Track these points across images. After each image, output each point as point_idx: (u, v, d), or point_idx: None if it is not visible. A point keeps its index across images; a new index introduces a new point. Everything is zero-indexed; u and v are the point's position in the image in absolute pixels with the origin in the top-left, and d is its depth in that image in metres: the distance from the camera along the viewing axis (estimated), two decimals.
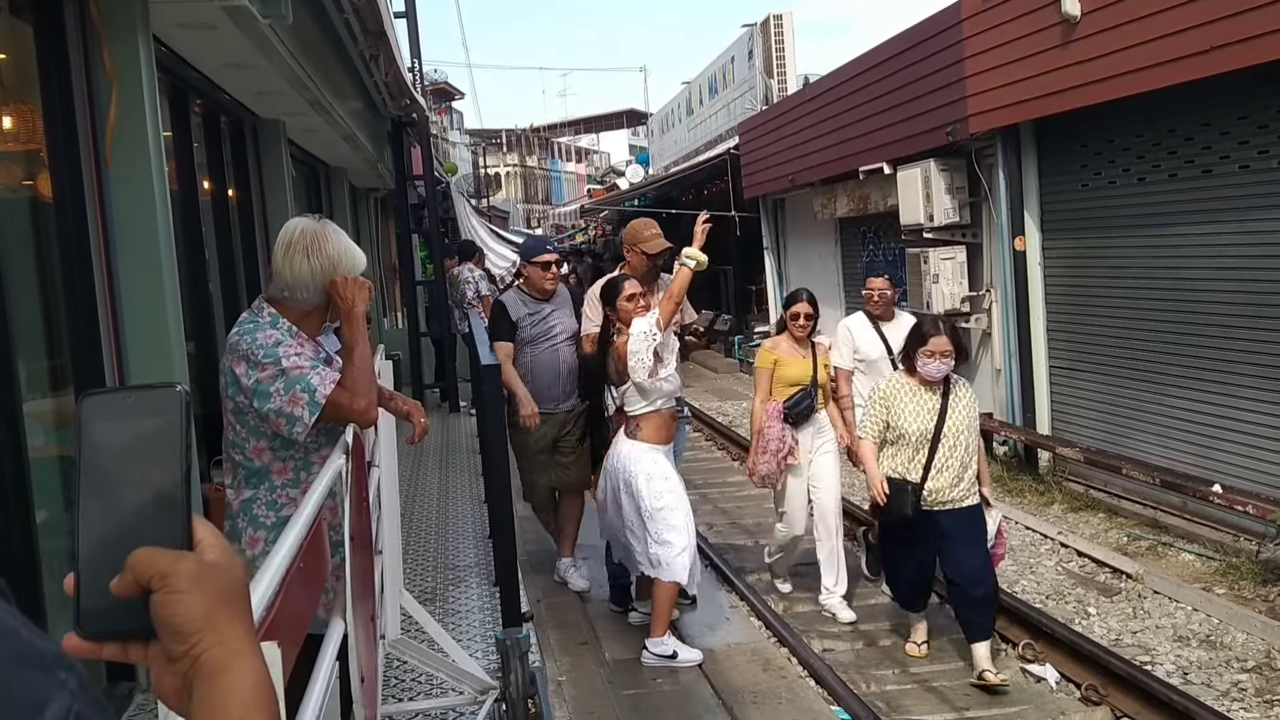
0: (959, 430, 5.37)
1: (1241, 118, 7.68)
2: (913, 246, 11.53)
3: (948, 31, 10.81)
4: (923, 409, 5.41)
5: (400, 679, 4.65)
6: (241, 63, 6.75)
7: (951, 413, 5.40)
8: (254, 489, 2.87)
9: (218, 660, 0.83)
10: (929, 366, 5.30)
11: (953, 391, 5.46)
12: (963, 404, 5.47)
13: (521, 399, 6.29)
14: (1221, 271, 7.92)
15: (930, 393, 5.43)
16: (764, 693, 5.21)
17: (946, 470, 5.38)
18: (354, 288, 2.95)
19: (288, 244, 2.96)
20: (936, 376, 5.35)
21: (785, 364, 6.46)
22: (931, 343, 5.26)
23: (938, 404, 5.39)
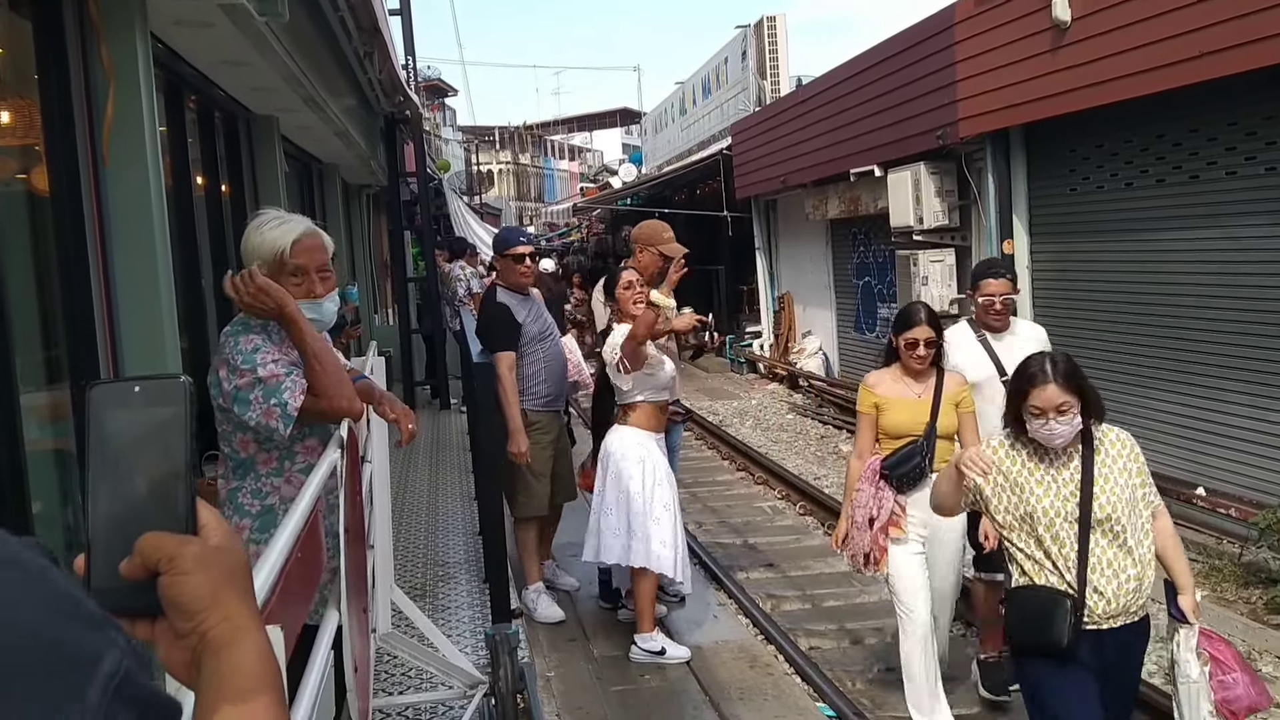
0: (1115, 506, 3.48)
1: (1230, 124, 7.76)
2: (902, 249, 11.61)
3: (939, 35, 10.88)
4: (1055, 482, 3.55)
5: (390, 673, 4.70)
6: (237, 59, 6.78)
7: (1101, 483, 3.51)
8: (240, 479, 2.92)
9: (224, 636, 0.88)
10: (1041, 430, 3.48)
11: (1099, 451, 3.57)
12: (1116, 466, 3.55)
13: (515, 432, 5.80)
14: (1208, 277, 8.00)
15: (1061, 458, 3.56)
16: (750, 689, 5.26)
17: (1106, 569, 3.51)
18: (262, 294, 2.85)
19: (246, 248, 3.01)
20: (1056, 443, 3.50)
21: (891, 407, 4.84)
22: (1034, 396, 3.47)
23: (1075, 473, 3.53)
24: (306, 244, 3.15)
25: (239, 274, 2.92)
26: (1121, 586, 3.49)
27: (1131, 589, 3.52)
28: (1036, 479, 3.55)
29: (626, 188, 30.72)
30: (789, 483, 10.21)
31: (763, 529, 8.96)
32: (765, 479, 10.71)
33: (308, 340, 2.89)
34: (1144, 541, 3.54)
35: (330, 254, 3.18)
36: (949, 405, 4.80)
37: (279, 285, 2.91)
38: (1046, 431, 3.45)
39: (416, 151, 13.52)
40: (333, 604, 2.38)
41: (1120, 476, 3.50)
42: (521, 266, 6.15)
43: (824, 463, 11.51)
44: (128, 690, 0.70)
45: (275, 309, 2.88)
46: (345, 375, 3.02)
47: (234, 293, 2.90)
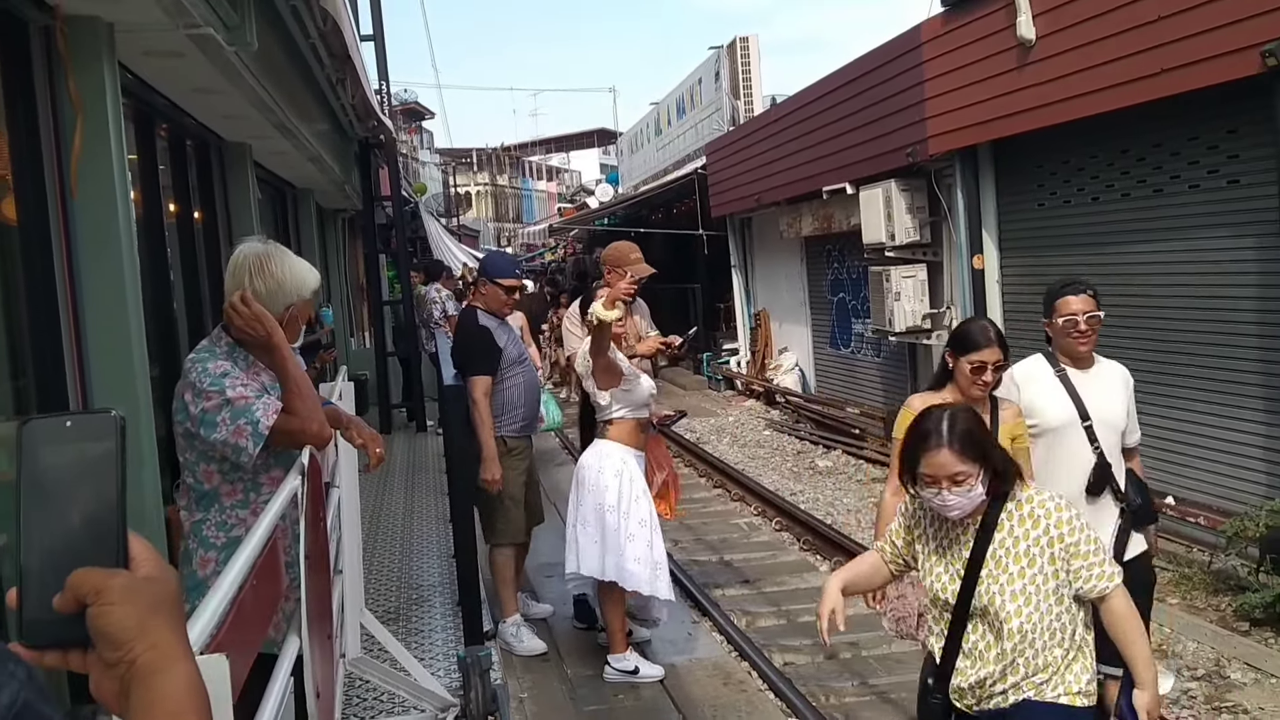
0: (998, 598, 2.97)
1: (1192, 139, 7.88)
2: (875, 265, 11.70)
3: (908, 55, 11.00)
4: (945, 557, 3.10)
5: (362, 697, 4.70)
6: (207, 88, 6.80)
7: (991, 567, 3.01)
8: (204, 511, 2.93)
9: (152, 664, 0.91)
10: (934, 500, 2.97)
11: (1003, 527, 3.03)
12: (1018, 548, 3.00)
13: (488, 459, 5.75)
14: (1173, 289, 8.10)
15: (956, 530, 3.08)
16: (724, 706, 5.29)
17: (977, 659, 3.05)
18: (254, 320, 2.90)
19: (234, 269, 3.02)
20: (950, 515, 3.00)
21: None
22: (925, 461, 2.94)
23: (965, 550, 3.05)
24: (312, 296, 3.24)
25: (237, 295, 2.95)
26: (990, 675, 2.99)
27: (1001, 684, 2.98)
28: (933, 549, 3.12)
29: (603, 208, 30.83)
30: (765, 499, 10.26)
31: (739, 545, 9.00)
32: (742, 495, 10.75)
33: (290, 367, 2.93)
34: (1038, 640, 2.94)
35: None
36: (1005, 439, 3.98)
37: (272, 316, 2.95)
38: (939, 502, 2.94)
39: (391, 175, 13.57)
40: (294, 631, 2.41)
41: (1018, 562, 2.94)
42: (509, 298, 6.18)
43: (800, 479, 11.56)
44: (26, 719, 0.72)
45: (264, 337, 2.92)
46: (319, 403, 3.05)
47: (232, 312, 2.93)
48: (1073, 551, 2.95)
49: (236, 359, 2.95)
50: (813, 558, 8.56)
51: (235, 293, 2.95)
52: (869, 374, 13.93)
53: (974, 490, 2.91)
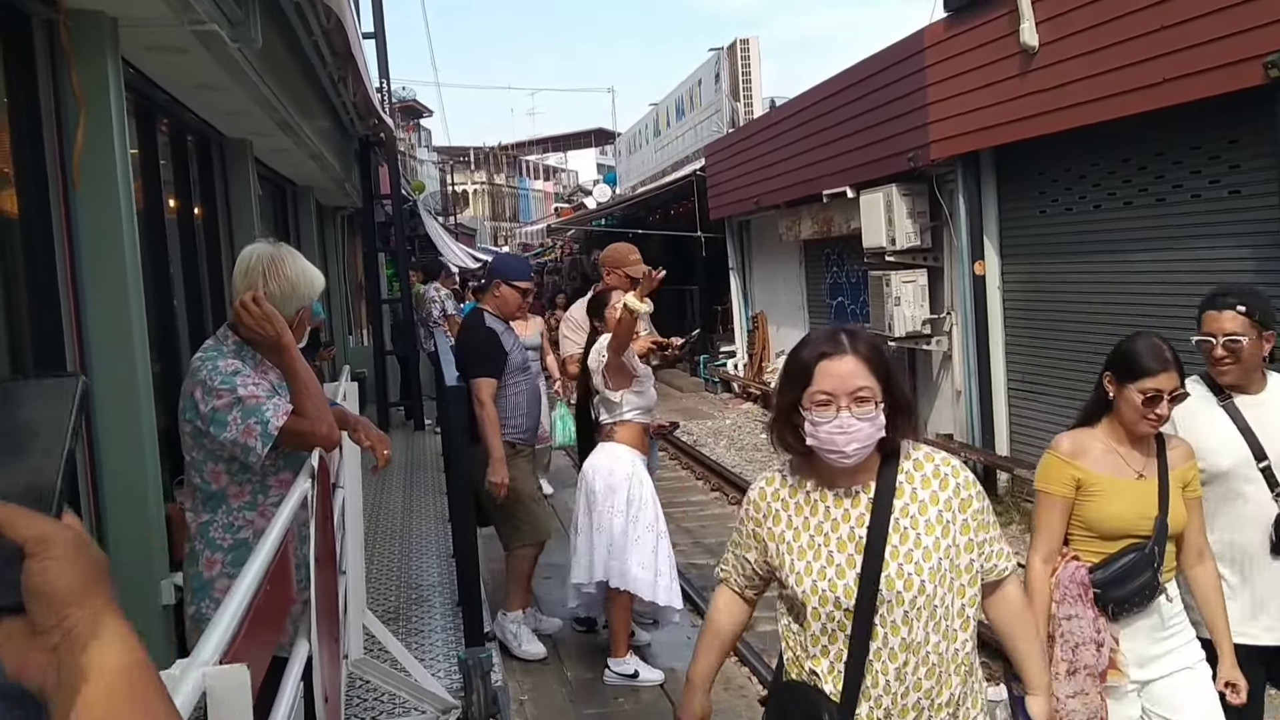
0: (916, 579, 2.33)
1: (1194, 148, 7.88)
2: (875, 269, 11.70)
3: (911, 59, 11.00)
4: (829, 535, 2.43)
5: (363, 698, 4.68)
6: (210, 84, 6.78)
7: (897, 540, 2.36)
8: (211, 512, 2.90)
9: (91, 633, 0.79)
10: (824, 429, 2.32)
11: (902, 490, 2.41)
12: (927, 515, 2.39)
13: (496, 462, 5.64)
14: (1174, 297, 8.09)
15: (845, 498, 2.43)
16: (724, 712, 5.27)
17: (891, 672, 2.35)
18: (265, 321, 2.89)
19: (245, 270, 3.00)
20: (847, 452, 2.32)
21: (1104, 492, 3.24)
22: (821, 373, 2.35)
23: (860, 524, 2.39)
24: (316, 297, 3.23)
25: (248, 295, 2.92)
26: (911, 697, 2.32)
27: (928, 702, 2.33)
28: (807, 538, 2.38)
29: (601, 208, 30.82)
30: None
31: None
32: (739, 499, 10.73)
33: (298, 368, 2.92)
34: (961, 633, 2.35)
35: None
36: (1177, 489, 3.24)
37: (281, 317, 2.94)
38: (833, 430, 2.26)
39: (391, 174, 13.54)
40: (303, 634, 2.38)
41: (930, 533, 2.31)
42: (523, 300, 6.16)
43: None
44: None
45: (274, 337, 2.90)
46: (328, 405, 3.03)
47: (243, 311, 2.90)
48: (979, 520, 2.39)
49: (245, 358, 2.93)
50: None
51: (246, 292, 2.93)
52: None
53: (878, 418, 2.27)
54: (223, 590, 2.85)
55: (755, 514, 2.51)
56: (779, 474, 2.51)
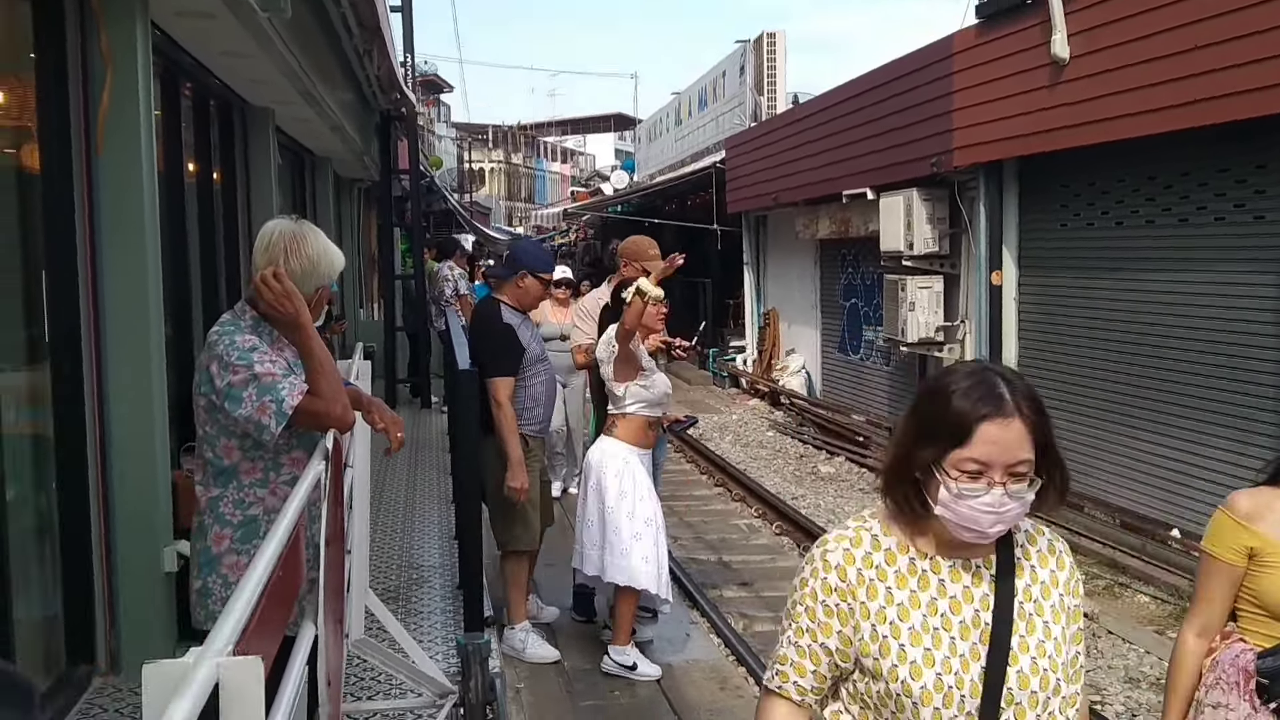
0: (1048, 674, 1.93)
1: (1221, 170, 7.82)
2: (891, 273, 11.65)
3: (939, 64, 10.93)
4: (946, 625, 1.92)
5: (360, 678, 4.67)
6: (236, 51, 6.75)
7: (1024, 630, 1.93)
8: (222, 487, 2.88)
9: None
10: (969, 506, 1.84)
11: (1022, 568, 1.98)
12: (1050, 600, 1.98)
13: (516, 465, 5.43)
14: (1193, 320, 8.05)
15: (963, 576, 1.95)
16: (720, 710, 5.25)
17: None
18: (284, 297, 2.86)
19: (266, 245, 2.96)
20: (990, 533, 1.88)
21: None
22: (981, 437, 1.84)
23: (982, 611, 1.93)
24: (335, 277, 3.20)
25: (269, 270, 2.89)
26: None
27: None
28: (911, 626, 1.89)
29: (618, 195, 30.77)
30: (766, 501, 10.22)
31: (738, 547, 8.97)
32: (743, 496, 10.71)
33: (315, 347, 2.89)
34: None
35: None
36: None
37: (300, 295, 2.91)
38: (980, 507, 1.82)
39: (410, 149, 13.51)
40: (309, 616, 2.37)
41: (1057, 620, 1.94)
42: (552, 291, 6.02)
43: (802, 482, 11.53)
44: None
45: (291, 315, 2.87)
46: (343, 385, 3.01)
47: (262, 287, 2.87)
48: (1079, 610, 2.02)
49: (262, 334, 2.90)
50: None
51: (267, 268, 2.90)
52: (877, 382, 13.89)
53: (1029, 496, 1.85)
54: (230, 566, 2.84)
55: (840, 584, 1.91)
56: (865, 531, 1.95)
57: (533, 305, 5.87)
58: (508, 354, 5.58)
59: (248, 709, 1.29)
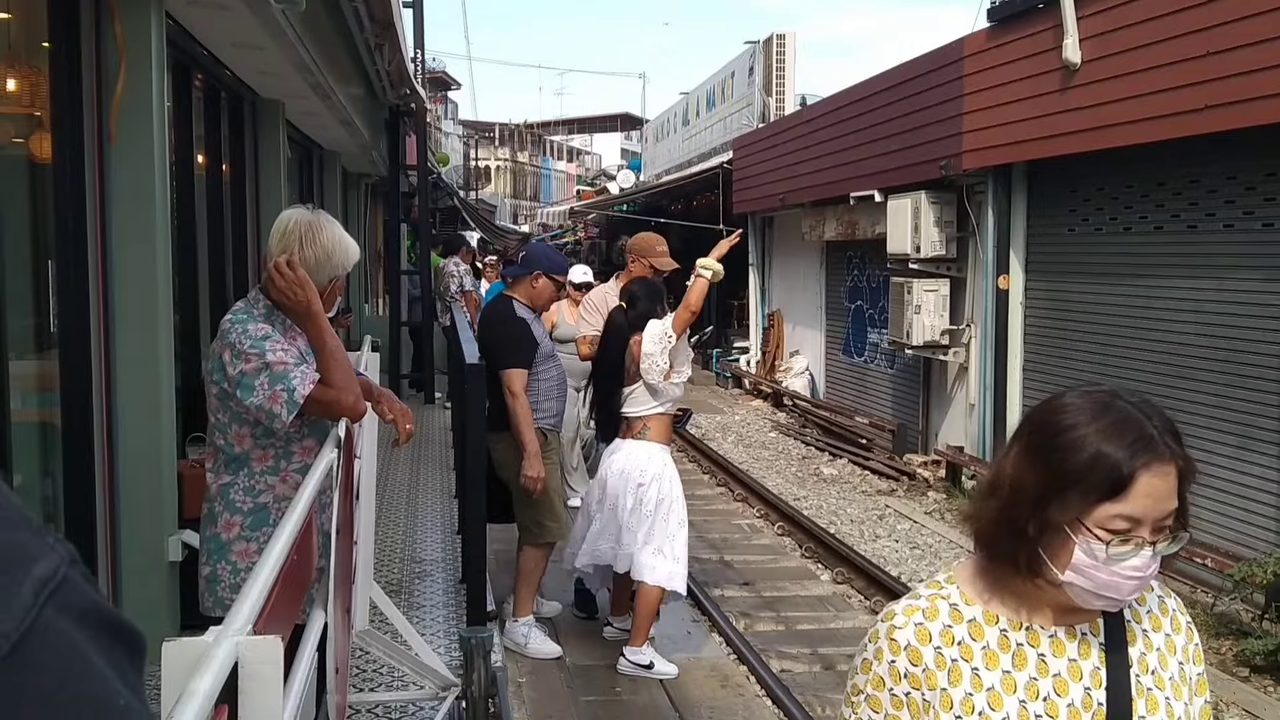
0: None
1: (1230, 177, 7.81)
2: (898, 276, 11.64)
3: (948, 67, 10.93)
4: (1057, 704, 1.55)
5: (363, 669, 4.67)
6: (249, 43, 6.78)
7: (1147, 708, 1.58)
8: (233, 474, 2.88)
9: None
10: (1111, 571, 1.48)
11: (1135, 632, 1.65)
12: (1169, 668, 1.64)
13: (532, 456, 5.45)
14: (1200, 327, 8.04)
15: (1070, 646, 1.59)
16: (721, 709, 5.26)
17: None
18: (297, 286, 2.87)
19: (282, 233, 2.97)
20: (1126, 598, 1.53)
21: None
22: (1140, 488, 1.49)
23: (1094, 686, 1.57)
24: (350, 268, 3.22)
25: (283, 259, 2.90)
26: None
27: None
28: (1013, 700, 1.55)
29: (624, 194, 30.76)
30: (768, 502, 10.22)
31: (740, 547, 8.97)
32: (745, 496, 10.71)
33: (327, 336, 2.90)
34: None
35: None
36: None
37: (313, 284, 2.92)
38: (1128, 572, 1.49)
39: (419, 145, 13.51)
40: (319, 604, 2.37)
41: (1180, 694, 1.62)
42: (571, 292, 6.12)
43: (804, 484, 11.52)
44: (67, 596, 0.61)
45: (304, 304, 2.88)
46: (354, 375, 3.02)
47: (276, 275, 2.88)
48: (1203, 678, 1.70)
49: (275, 322, 2.91)
50: (813, 565, 8.53)
51: (281, 256, 2.91)
52: (880, 385, 13.88)
53: (1172, 551, 1.55)
54: (239, 553, 2.84)
55: (912, 668, 1.55)
56: (942, 601, 1.59)
57: (545, 305, 5.94)
58: (522, 347, 5.61)
59: (267, 688, 1.29)
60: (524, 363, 5.57)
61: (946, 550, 8.85)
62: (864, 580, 7.88)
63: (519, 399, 5.49)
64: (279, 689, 1.31)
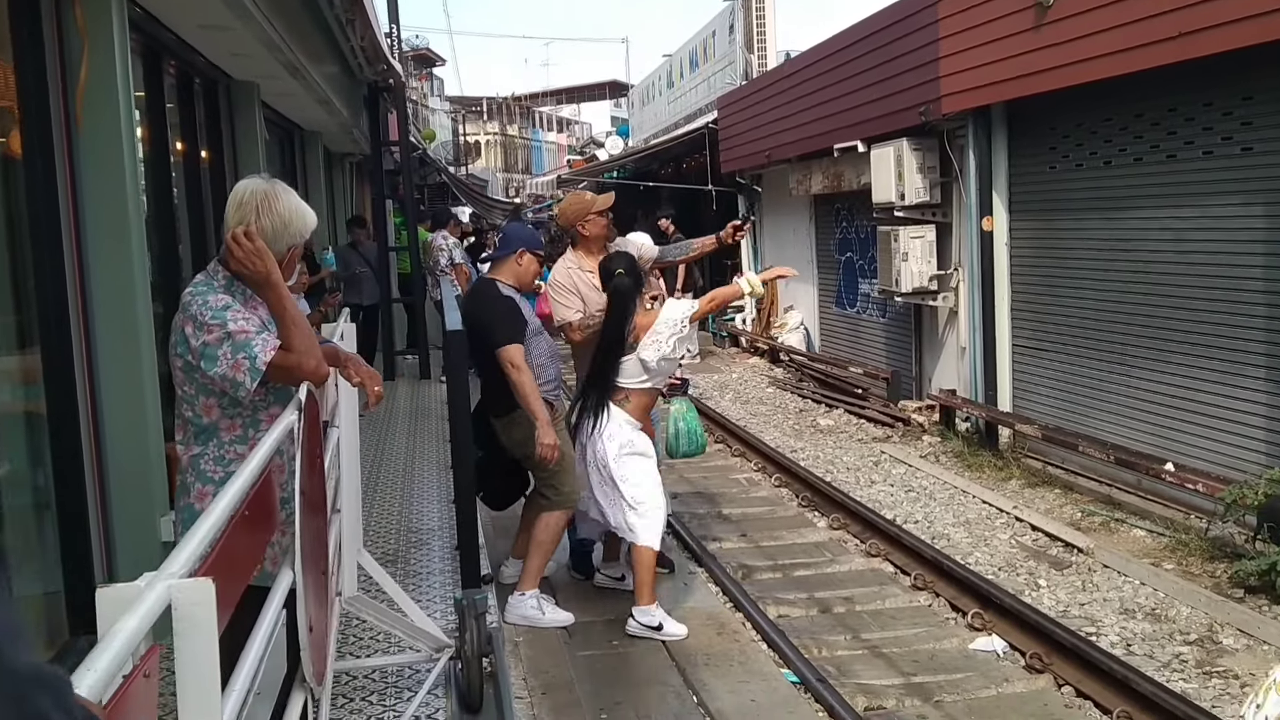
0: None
1: (1206, 104, 7.80)
2: (884, 224, 11.64)
3: (923, 12, 10.88)
4: None
5: (360, 636, 4.74)
6: (216, 25, 6.77)
7: None
8: (203, 445, 2.93)
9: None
10: None
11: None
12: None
13: (545, 425, 5.47)
14: (1183, 255, 8.05)
15: None
16: (717, 655, 5.33)
17: None
18: (255, 256, 2.89)
19: (238, 204, 3.00)
20: None
21: None
22: None
23: None
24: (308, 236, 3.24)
25: (240, 229, 2.93)
26: None
27: None
28: None
29: (612, 160, 30.68)
30: (766, 455, 10.27)
31: (738, 500, 9.04)
32: (742, 451, 10.77)
33: (286, 304, 2.93)
34: None
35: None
36: None
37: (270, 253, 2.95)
38: None
39: (400, 120, 13.48)
40: (287, 565, 2.42)
41: None
42: (540, 269, 6.02)
43: (801, 436, 11.58)
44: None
45: (263, 274, 2.91)
46: (315, 340, 3.05)
47: (234, 245, 2.91)
48: None
49: (235, 292, 2.94)
50: (811, 514, 8.59)
51: (238, 226, 2.94)
52: (874, 334, 13.91)
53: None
54: None
55: None
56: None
57: (530, 283, 5.93)
58: (513, 322, 5.61)
59: (200, 629, 1.33)
60: (518, 338, 5.56)
61: (940, 491, 8.91)
62: (860, 525, 7.95)
63: (522, 371, 5.48)
64: (213, 632, 1.35)
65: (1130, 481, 8.23)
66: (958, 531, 7.88)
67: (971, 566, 7.01)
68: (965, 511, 8.33)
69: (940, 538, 7.72)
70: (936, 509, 8.45)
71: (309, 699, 2.46)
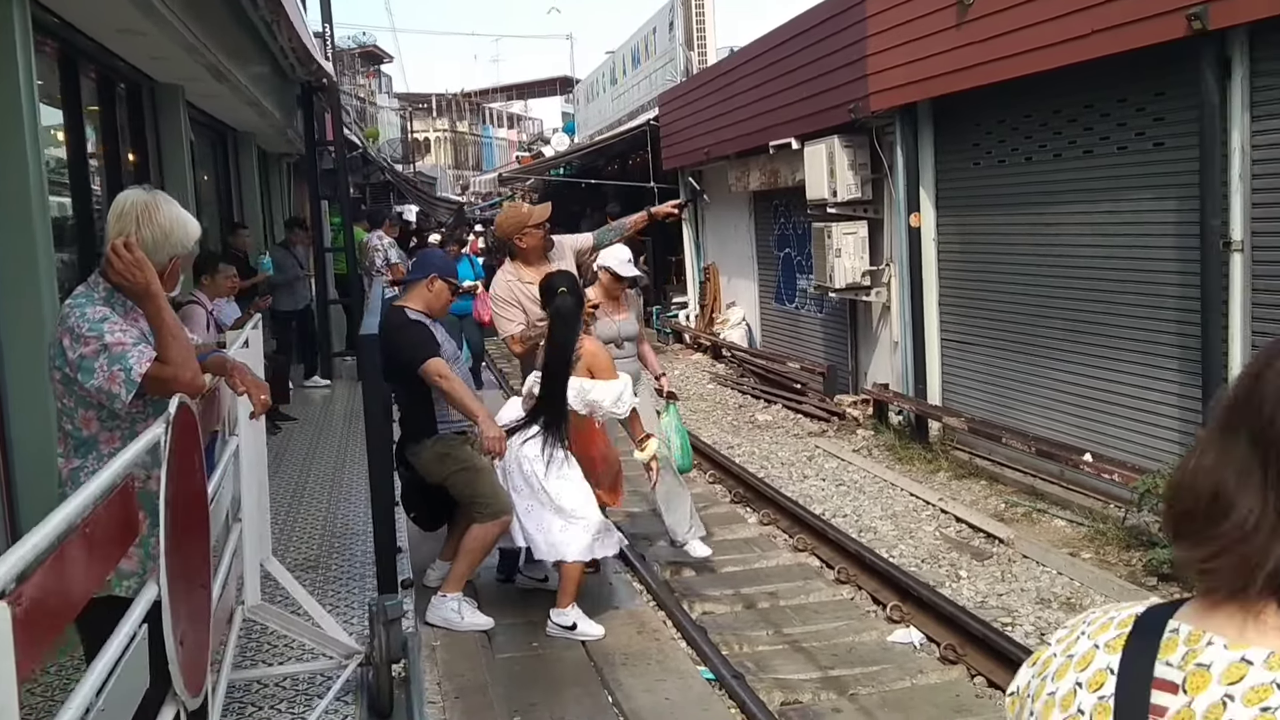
0: None
1: (1120, 101, 7.95)
2: (818, 221, 11.74)
3: (852, 10, 10.99)
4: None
5: (274, 644, 4.74)
6: (130, 28, 6.72)
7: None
8: (82, 458, 2.93)
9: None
10: None
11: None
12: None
13: (485, 420, 5.40)
14: (1100, 249, 8.21)
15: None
16: (635, 654, 5.37)
17: None
18: (135, 267, 2.89)
19: (119, 215, 3.00)
20: None
21: None
22: None
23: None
24: (195, 248, 3.23)
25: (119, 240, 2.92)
26: None
27: None
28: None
29: (558, 157, 30.63)
30: (701, 452, 10.31)
31: None
32: None
33: (165, 315, 2.93)
34: None
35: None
36: None
37: (150, 264, 2.94)
38: None
39: (334, 120, 13.41)
40: (151, 577, 2.43)
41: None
42: (454, 298, 5.86)
43: (739, 432, 11.66)
44: None
45: (143, 285, 2.91)
46: (193, 352, 3.05)
47: (113, 256, 2.90)
48: None
49: (114, 304, 2.94)
50: (742, 510, 8.67)
51: (118, 237, 2.94)
52: (812, 330, 14.02)
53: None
54: None
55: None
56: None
57: (441, 310, 5.76)
58: (426, 341, 5.49)
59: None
60: (435, 352, 5.45)
61: (870, 485, 9.02)
62: (788, 520, 8.03)
63: (449, 379, 5.39)
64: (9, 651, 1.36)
65: (1052, 472, 8.38)
66: (885, 524, 7.98)
67: (896, 559, 7.11)
68: (893, 504, 8.44)
69: (867, 531, 7.82)
70: (865, 502, 8.55)
71: (181, 712, 2.47)
